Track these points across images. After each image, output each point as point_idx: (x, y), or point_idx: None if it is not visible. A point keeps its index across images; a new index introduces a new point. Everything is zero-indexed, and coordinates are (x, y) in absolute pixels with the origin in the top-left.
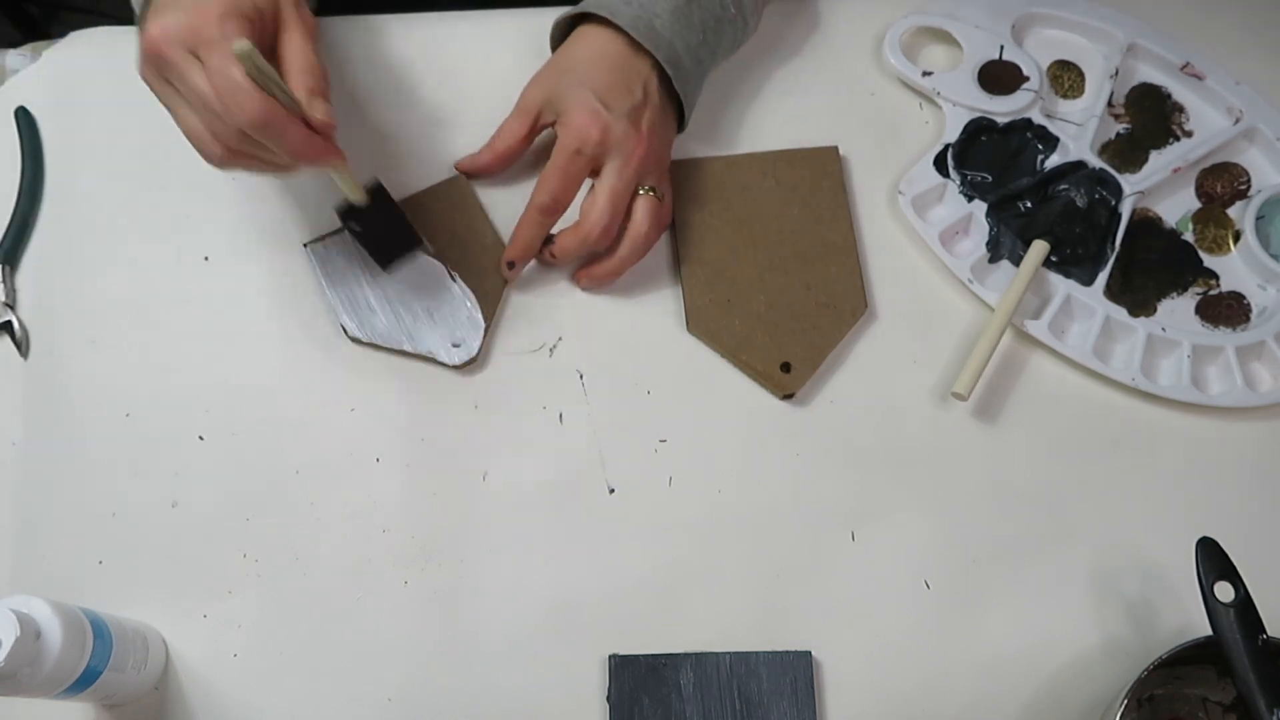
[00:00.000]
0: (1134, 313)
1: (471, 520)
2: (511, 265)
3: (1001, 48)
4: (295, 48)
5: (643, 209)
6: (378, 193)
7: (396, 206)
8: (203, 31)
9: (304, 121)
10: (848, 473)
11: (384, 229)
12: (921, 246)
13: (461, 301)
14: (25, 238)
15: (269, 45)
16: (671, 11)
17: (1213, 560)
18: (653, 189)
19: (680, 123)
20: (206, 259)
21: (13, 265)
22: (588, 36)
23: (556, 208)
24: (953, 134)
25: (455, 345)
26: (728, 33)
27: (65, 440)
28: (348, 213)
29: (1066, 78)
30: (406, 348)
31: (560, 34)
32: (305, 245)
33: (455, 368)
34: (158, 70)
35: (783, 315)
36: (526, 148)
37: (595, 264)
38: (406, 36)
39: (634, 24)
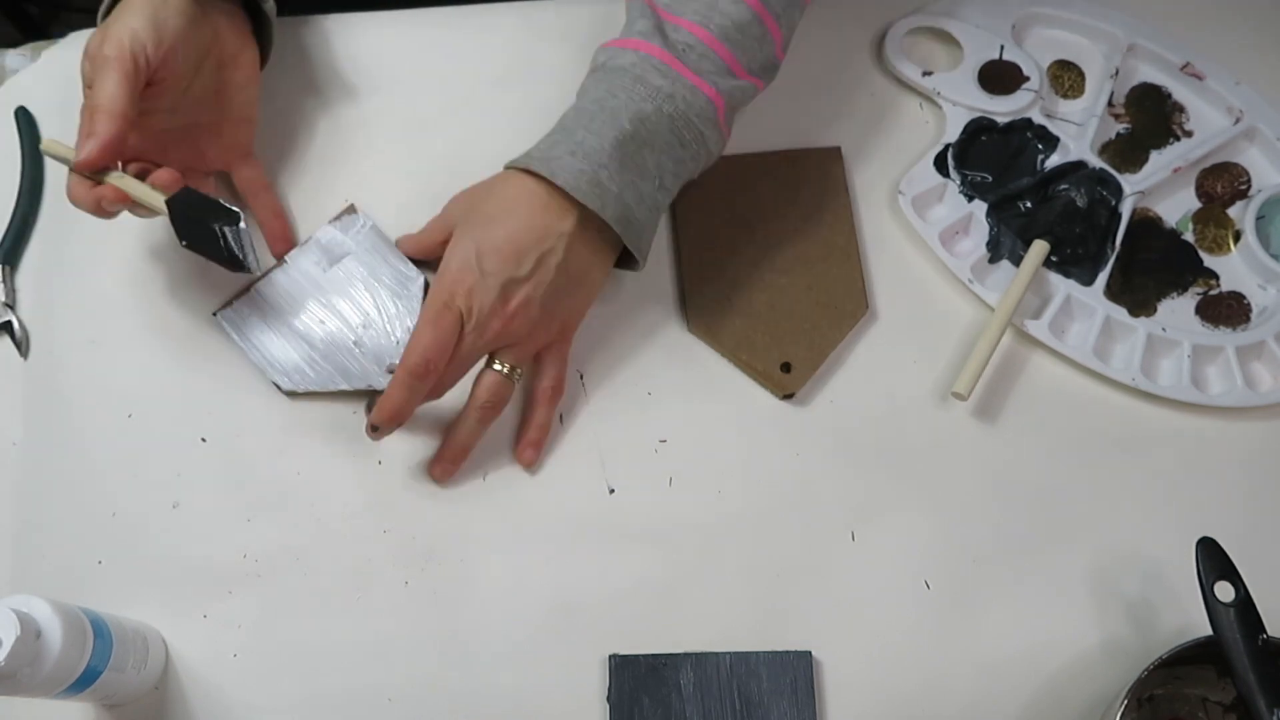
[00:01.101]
0: (1134, 313)
1: (471, 520)
2: (375, 429)
3: (1001, 48)
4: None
5: (484, 382)
6: (174, 199)
7: (198, 196)
8: None
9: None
10: (848, 473)
11: (202, 228)
12: (921, 246)
13: (387, 324)
14: (25, 238)
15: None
16: (619, 163)
17: (1213, 560)
18: (507, 366)
19: (632, 263)
20: None
21: (13, 265)
22: (514, 182)
23: (429, 369)
24: (953, 134)
25: (390, 370)
26: (689, 165)
27: (65, 440)
28: (177, 235)
29: (1066, 78)
30: (344, 386)
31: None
32: (215, 314)
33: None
34: None
35: (783, 315)
36: (440, 252)
37: (442, 447)
38: (379, 34)
39: (576, 181)
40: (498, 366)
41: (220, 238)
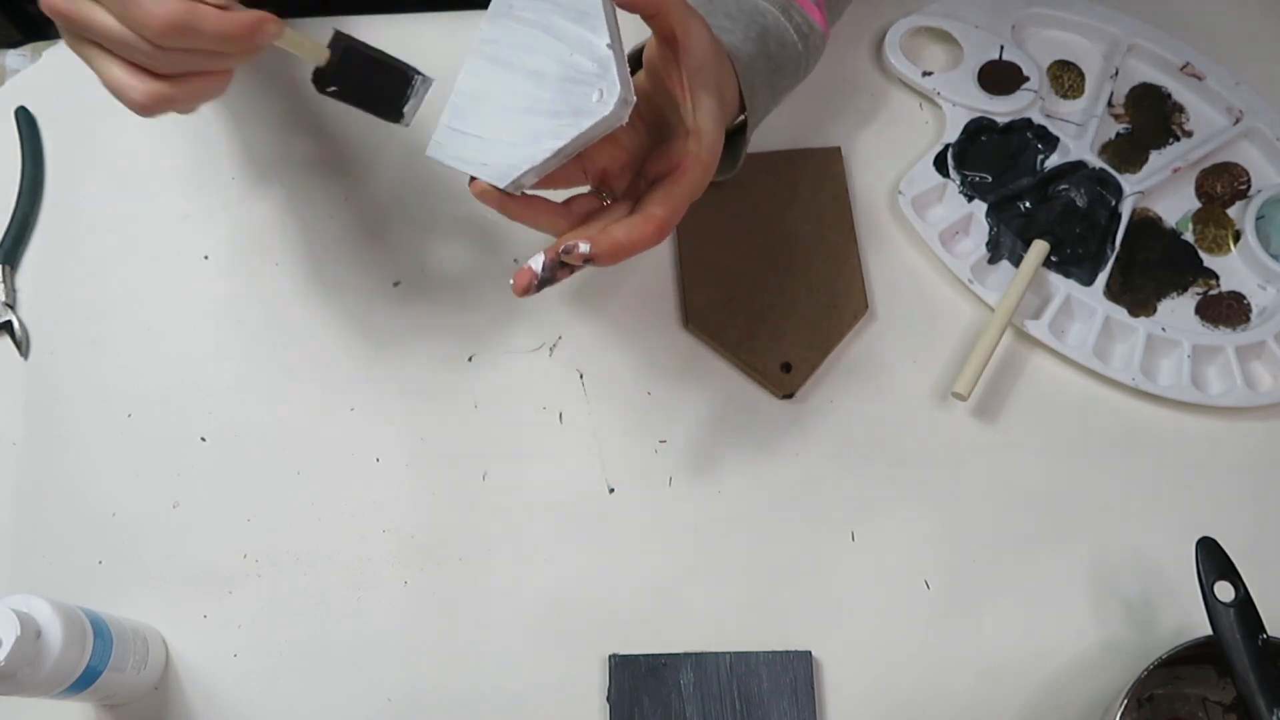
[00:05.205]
0: (1134, 313)
1: (471, 520)
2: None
3: (1001, 48)
4: None
5: None
6: (338, 43)
7: (367, 47)
8: None
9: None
10: (848, 473)
11: (367, 78)
12: (921, 246)
13: (572, 46)
14: (25, 238)
15: None
16: (769, 87)
17: (1213, 560)
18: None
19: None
20: (206, 258)
21: (13, 265)
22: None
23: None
24: (953, 134)
25: (601, 99)
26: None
27: (65, 440)
28: (321, 79)
29: (1066, 78)
30: (555, 150)
31: None
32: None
33: (617, 118)
34: (71, 32)
35: (783, 315)
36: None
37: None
38: (417, 36)
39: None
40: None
41: (403, 83)
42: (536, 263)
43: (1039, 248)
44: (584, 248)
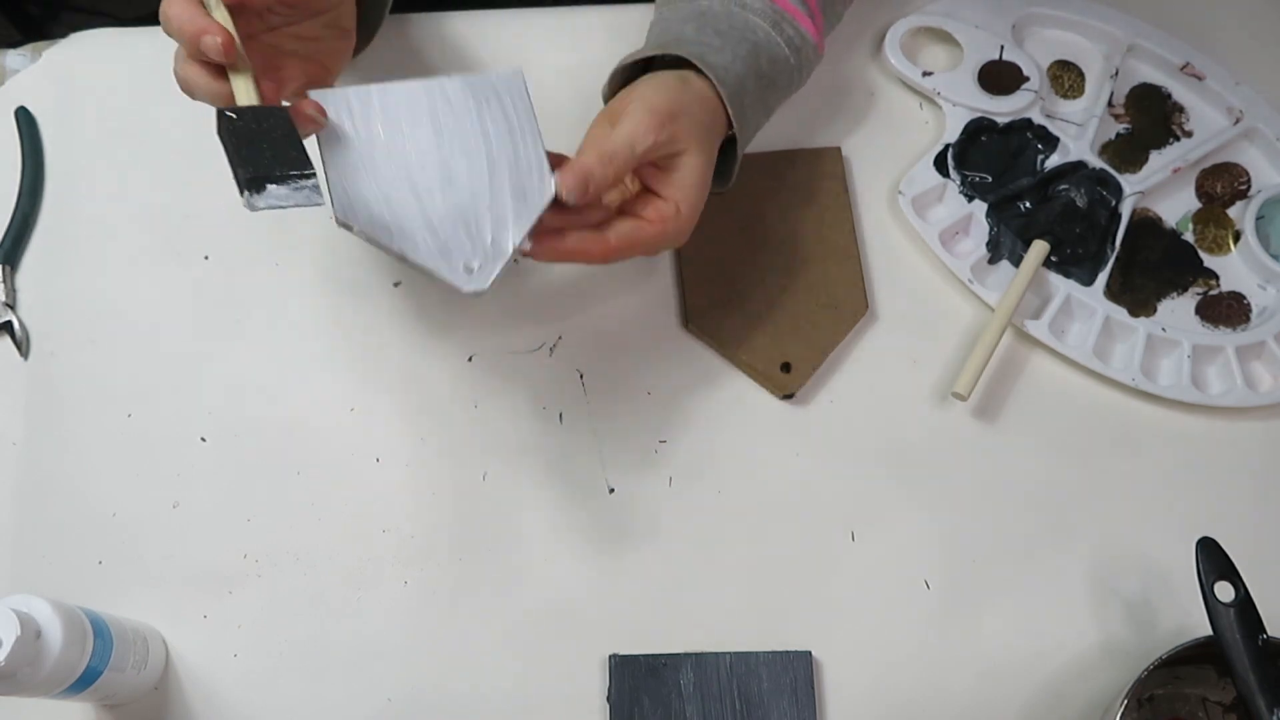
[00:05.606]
0: (1134, 313)
1: (471, 520)
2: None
3: (1001, 48)
4: None
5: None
6: (277, 108)
7: (292, 125)
8: None
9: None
10: (848, 473)
11: (264, 140)
12: (921, 246)
13: (499, 214)
14: (25, 238)
15: None
16: (760, 100)
17: (1213, 560)
18: None
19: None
20: (206, 258)
21: (13, 265)
22: (708, 97)
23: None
24: (953, 134)
25: (469, 270)
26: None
27: (65, 440)
28: (225, 110)
29: (1066, 78)
30: (401, 250)
31: None
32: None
33: (463, 295)
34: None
35: (783, 315)
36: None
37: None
38: (439, 35)
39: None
40: None
41: (292, 174)
42: None
43: (1039, 248)
44: (526, 245)
